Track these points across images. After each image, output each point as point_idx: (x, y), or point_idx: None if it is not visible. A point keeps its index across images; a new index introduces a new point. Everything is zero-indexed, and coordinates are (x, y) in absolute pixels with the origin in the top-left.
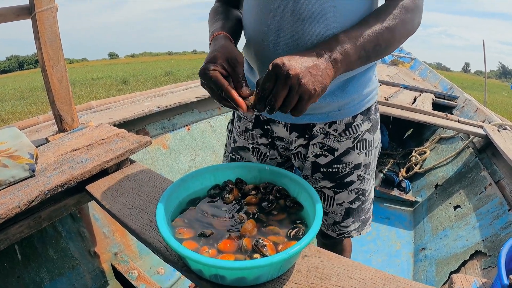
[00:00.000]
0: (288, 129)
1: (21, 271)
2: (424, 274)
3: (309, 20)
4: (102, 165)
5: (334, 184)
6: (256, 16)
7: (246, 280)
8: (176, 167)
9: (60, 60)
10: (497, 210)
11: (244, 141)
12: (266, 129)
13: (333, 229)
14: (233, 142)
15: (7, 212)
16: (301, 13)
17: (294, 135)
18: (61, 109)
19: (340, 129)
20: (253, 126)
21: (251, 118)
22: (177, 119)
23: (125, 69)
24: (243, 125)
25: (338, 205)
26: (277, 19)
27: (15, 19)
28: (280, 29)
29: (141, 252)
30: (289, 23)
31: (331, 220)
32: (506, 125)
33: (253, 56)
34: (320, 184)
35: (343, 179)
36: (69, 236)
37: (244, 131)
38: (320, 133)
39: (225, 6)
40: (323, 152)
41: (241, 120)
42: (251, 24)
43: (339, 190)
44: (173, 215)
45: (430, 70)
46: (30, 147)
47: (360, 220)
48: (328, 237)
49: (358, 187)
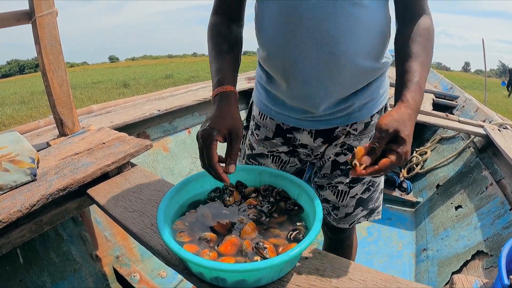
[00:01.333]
0: (313, 135)
1: (23, 275)
2: (426, 275)
3: (338, 37)
4: (103, 168)
5: (350, 179)
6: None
7: (247, 283)
8: (177, 170)
9: (61, 65)
10: (498, 209)
11: (263, 148)
12: (288, 138)
13: (345, 221)
14: (250, 149)
15: (9, 216)
16: (330, 30)
17: (319, 141)
18: (62, 113)
19: (360, 128)
20: (274, 135)
21: (271, 128)
22: (177, 122)
23: (125, 72)
24: (263, 133)
25: (351, 198)
26: (306, 36)
27: (15, 24)
28: (309, 46)
29: (143, 255)
30: (318, 40)
31: (342, 214)
32: (506, 124)
33: (276, 68)
34: (336, 180)
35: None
36: (70, 239)
37: (263, 139)
38: (342, 134)
39: (226, 25)
40: (343, 151)
41: (260, 128)
42: (272, 39)
43: (354, 185)
44: (174, 218)
45: (430, 70)
46: (31, 152)
47: (369, 209)
48: (337, 232)
49: (370, 179)
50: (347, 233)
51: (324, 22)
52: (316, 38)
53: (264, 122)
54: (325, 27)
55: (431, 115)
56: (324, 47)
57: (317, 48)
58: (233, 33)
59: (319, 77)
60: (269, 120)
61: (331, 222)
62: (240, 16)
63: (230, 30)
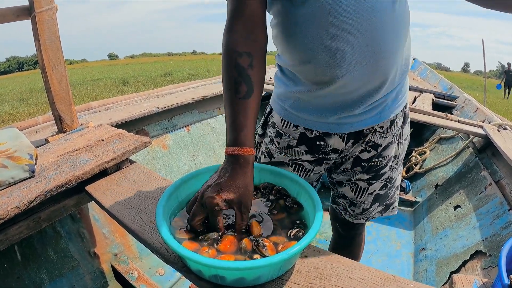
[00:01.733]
0: (345, 139)
1: (20, 272)
2: (425, 274)
3: (384, 37)
4: (101, 165)
5: (370, 176)
6: (319, 35)
7: (246, 281)
8: (176, 167)
9: (60, 61)
10: (497, 210)
11: (284, 157)
12: (317, 145)
13: (362, 217)
14: (268, 157)
15: (7, 213)
16: (377, 30)
17: (351, 143)
18: (61, 110)
19: (385, 126)
20: (297, 143)
21: (295, 136)
22: (176, 119)
23: (124, 70)
24: (285, 141)
25: (369, 194)
26: (352, 39)
27: (14, 20)
28: (354, 48)
29: (141, 252)
30: (362, 41)
31: (359, 210)
32: (506, 125)
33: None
34: (356, 176)
35: (379, 171)
36: (68, 236)
37: (285, 147)
38: (369, 132)
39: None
40: (367, 148)
41: (282, 136)
42: (312, 43)
43: (373, 182)
44: (172, 215)
45: (430, 70)
46: (30, 148)
47: (384, 204)
48: (350, 229)
49: (388, 176)
50: (360, 229)
51: (366, 22)
52: (358, 40)
53: (287, 130)
54: (367, 27)
55: (431, 115)
56: (368, 48)
57: (362, 49)
58: (254, 64)
59: (363, 79)
60: (292, 128)
61: (347, 218)
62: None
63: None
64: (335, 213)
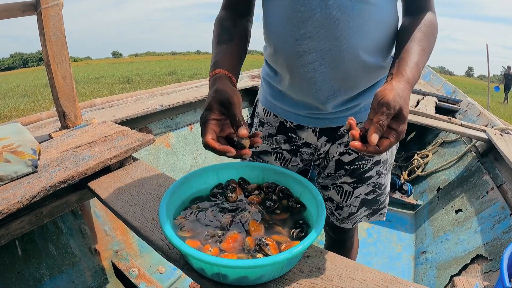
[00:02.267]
0: (317, 134)
1: (21, 267)
2: (425, 277)
3: (348, 34)
4: (104, 162)
5: (354, 180)
6: (288, 26)
7: (248, 279)
8: (179, 166)
9: (65, 57)
10: (498, 214)
11: (267, 145)
12: (290, 137)
13: (348, 221)
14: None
15: (9, 207)
16: (342, 26)
17: (323, 139)
18: (65, 106)
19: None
20: (277, 132)
21: (275, 125)
22: (180, 118)
23: (128, 68)
24: (267, 130)
25: (355, 198)
26: (316, 31)
27: (20, 15)
28: (319, 42)
29: (142, 250)
30: (325, 36)
31: (346, 213)
32: (509, 129)
33: (282, 64)
34: (341, 180)
35: (363, 174)
36: (70, 232)
37: (267, 136)
38: (346, 133)
39: (231, 19)
40: (348, 151)
41: (264, 125)
42: (280, 33)
43: (358, 185)
44: (175, 213)
45: (434, 73)
46: (33, 143)
47: (372, 209)
48: (339, 232)
49: (376, 181)
50: (349, 233)
51: (331, 17)
52: (323, 34)
53: (268, 119)
54: (332, 21)
55: (434, 118)
56: (330, 43)
57: (324, 44)
58: (237, 26)
59: (326, 74)
60: (272, 117)
61: (334, 222)
62: (249, 11)
63: (235, 24)
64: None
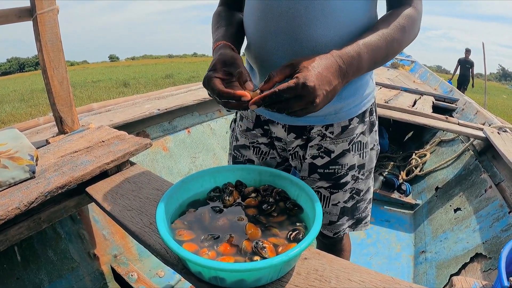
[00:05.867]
0: (286, 130)
1: (20, 273)
2: (425, 277)
3: (308, 25)
4: (102, 167)
5: (330, 184)
6: (256, 19)
7: (246, 283)
8: (176, 169)
9: (61, 62)
10: (497, 212)
11: (245, 140)
12: (265, 129)
13: (329, 229)
14: (236, 141)
15: (7, 213)
16: (300, 18)
17: (292, 136)
18: (62, 111)
19: (336, 131)
20: (254, 126)
21: (252, 119)
22: (177, 121)
23: (125, 71)
24: (245, 124)
25: (334, 206)
26: (276, 23)
27: (16, 21)
28: (279, 33)
29: (141, 254)
30: (288, 27)
31: (326, 220)
32: (506, 127)
33: (253, 58)
34: (317, 184)
35: (339, 180)
36: (68, 238)
37: (245, 130)
38: (317, 135)
39: (228, 11)
40: (320, 154)
41: (243, 120)
42: (251, 26)
43: (334, 191)
44: (173, 217)
45: (430, 73)
46: (31, 149)
47: (354, 218)
48: (326, 237)
49: (352, 186)
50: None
51: (292, 9)
52: (284, 27)
53: (246, 113)
54: (293, 13)
55: (431, 118)
56: (291, 36)
57: (285, 37)
58: (234, 15)
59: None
60: (250, 112)
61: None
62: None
63: (231, 13)
64: None
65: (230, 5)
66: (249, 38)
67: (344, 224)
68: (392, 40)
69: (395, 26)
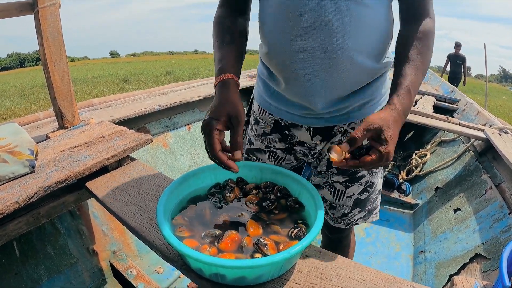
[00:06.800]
0: (311, 132)
1: (19, 268)
2: (424, 277)
3: (338, 34)
4: (102, 162)
5: (346, 179)
6: (280, 27)
7: (247, 280)
8: (177, 166)
9: (62, 57)
10: (497, 213)
11: (261, 144)
12: (285, 135)
13: (342, 221)
14: (249, 144)
15: (6, 208)
16: (331, 27)
17: (318, 139)
18: (62, 106)
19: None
20: (272, 131)
21: (269, 123)
22: (178, 118)
23: (126, 68)
24: (261, 128)
25: (348, 198)
26: (308, 31)
27: (18, 15)
28: (310, 43)
29: (140, 250)
30: (319, 37)
31: (339, 213)
32: (507, 128)
33: (276, 64)
34: (333, 178)
35: (355, 174)
36: (67, 233)
37: (262, 134)
38: (339, 132)
39: (231, 17)
40: None
41: (259, 123)
42: (273, 34)
43: (350, 184)
44: (173, 213)
45: (432, 73)
46: (30, 143)
47: (366, 210)
48: (335, 232)
49: (367, 179)
50: (345, 232)
51: (325, 19)
52: (316, 35)
53: (263, 117)
54: (326, 24)
55: (432, 118)
56: (324, 44)
57: (317, 44)
58: (237, 25)
59: (319, 75)
60: (268, 116)
61: (328, 221)
62: (246, 9)
63: (234, 22)
64: None
65: (233, 8)
66: (270, 46)
67: (356, 215)
68: (426, 68)
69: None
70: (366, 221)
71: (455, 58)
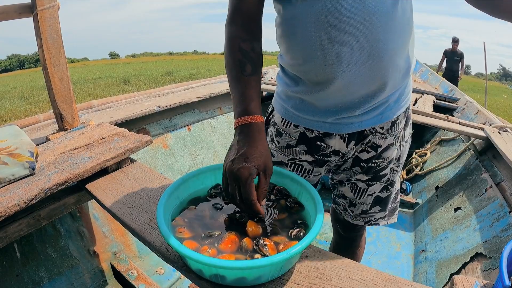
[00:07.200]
0: (346, 139)
1: (20, 270)
2: (424, 276)
3: (385, 38)
4: (102, 164)
5: (369, 177)
6: (320, 34)
7: (247, 280)
8: (177, 167)
9: (61, 59)
10: (497, 212)
11: (283, 156)
12: (317, 146)
13: (361, 218)
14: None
15: (7, 210)
16: (377, 31)
17: (352, 144)
18: (62, 108)
19: (386, 127)
20: (297, 143)
21: (294, 135)
22: (177, 119)
23: (125, 69)
24: (284, 141)
25: (369, 196)
26: (352, 39)
27: (17, 17)
28: (356, 50)
29: (141, 252)
30: (364, 40)
31: (358, 211)
32: (507, 127)
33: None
34: (356, 177)
35: (379, 172)
36: (68, 235)
37: (285, 147)
38: (369, 133)
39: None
40: (366, 148)
41: (282, 135)
42: (310, 42)
43: (372, 183)
44: (173, 215)
45: (431, 72)
46: (30, 145)
47: (387, 210)
48: (351, 230)
49: (389, 178)
50: (360, 231)
51: (366, 23)
52: (358, 40)
53: (287, 129)
54: (369, 26)
55: (432, 117)
56: (367, 48)
57: (360, 49)
58: (255, 51)
59: (362, 79)
60: (292, 128)
61: (346, 219)
62: (260, 25)
63: (253, 48)
64: (336, 213)
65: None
66: (306, 55)
67: (376, 214)
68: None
69: None
70: (388, 222)
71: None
